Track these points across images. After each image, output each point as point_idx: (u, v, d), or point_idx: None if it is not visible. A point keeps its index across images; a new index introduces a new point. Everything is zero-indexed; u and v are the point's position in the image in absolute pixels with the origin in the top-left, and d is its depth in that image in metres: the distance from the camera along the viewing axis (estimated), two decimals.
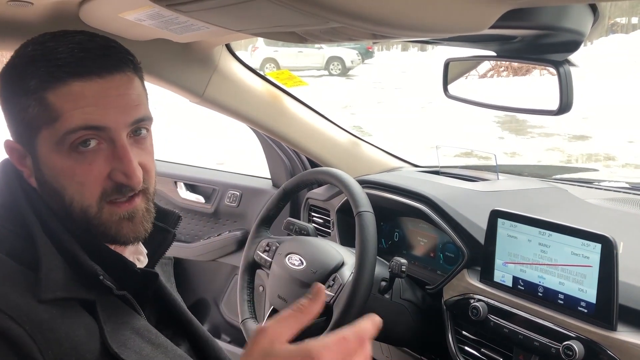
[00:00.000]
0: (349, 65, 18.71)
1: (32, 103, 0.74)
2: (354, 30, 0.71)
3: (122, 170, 0.76)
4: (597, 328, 1.02)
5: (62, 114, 0.73)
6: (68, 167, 0.75)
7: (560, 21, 0.81)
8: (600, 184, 1.68)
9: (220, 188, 2.16)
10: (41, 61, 0.74)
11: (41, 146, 0.76)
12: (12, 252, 0.74)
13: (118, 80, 0.77)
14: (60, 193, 0.77)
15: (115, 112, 0.76)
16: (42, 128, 0.75)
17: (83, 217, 0.78)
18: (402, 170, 1.87)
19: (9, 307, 0.67)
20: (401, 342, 1.47)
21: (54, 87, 0.73)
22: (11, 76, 0.77)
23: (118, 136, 0.76)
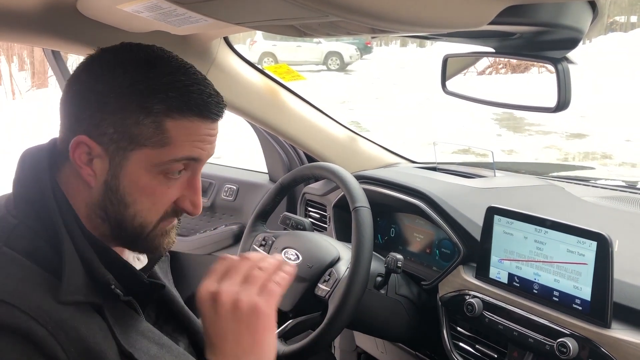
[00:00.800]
0: (347, 60, 18.69)
1: (147, 122, 0.77)
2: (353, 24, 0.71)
3: (192, 200, 0.84)
4: (592, 325, 1.02)
5: (173, 143, 0.78)
6: (150, 187, 0.80)
7: (559, 18, 0.81)
8: (597, 182, 1.69)
9: (217, 182, 2.16)
10: (173, 92, 0.77)
11: (133, 160, 0.78)
12: (30, 250, 0.74)
13: (218, 126, 0.85)
14: (127, 205, 0.80)
15: (209, 149, 0.83)
16: (147, 147, 0.78)
17: (138, 231, 0.82)
18: (399, 166, 1.87)
19: (30, 308, 0.68)
20: (396, 338, 1.48)
21: (175, 118, 0.78)
22: (130, 91, 0.77)
23: (199, 169, 0.85)
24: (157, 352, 0.81)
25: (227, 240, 2.09)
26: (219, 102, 0.83)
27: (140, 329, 0.81)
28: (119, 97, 0.77)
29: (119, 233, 0.82)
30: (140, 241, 0.84)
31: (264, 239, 1.44)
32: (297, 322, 1.27)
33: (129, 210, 0.80)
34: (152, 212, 0.82)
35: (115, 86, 0.77)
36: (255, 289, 0.81)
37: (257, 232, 1.48)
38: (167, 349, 0.83)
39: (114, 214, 0.81)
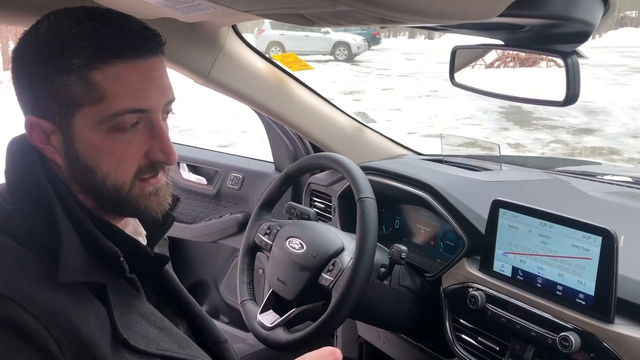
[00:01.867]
0: (355, 51, 18.61)
1: (74, 82, 0.74)
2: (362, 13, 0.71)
3: (162, 148, 0.79)
4: (595, 320, 1.02)
5: (109, 96, 0.74)
6: (107, 146, 0.76)
7: (570, 11, 0.80)
8: (603, 177, 1.68)
9: (223, 170, 2.16)
10: (86, 40, 0.74)
11: (79, 124, 0.76)
12: (29, 234, 0.74)
13: (157, 63, 0.79)
14: (93, 170, 0.77)
15: (156, 95, 0.78)
16: (84, 106, 0.75)
17: (115, 194, 0.79)
18: (405, 158, 1.87)
19: (24, 299, 0.67)
20: (398, 329, 1.48)
21: (100, 68, 0.74)
22: (47, 53, 0.75)
23: (156, 117, 0.79)
24: (156, 335, 0.80)
25: (231, 229, 2.10)
26: (147, 37, 0.78)
27: (142, 310, 0.81)
28: (39, 65, 0.75)
29: (101, 201, 0.80)
30: (122, 205, 0.80)
31: (269, 228, 1.45)
32: (300, 311, 1.27)
33: (97, 175, 0.78)
34: (121, 171, 0.78)
35: (35, 56, 0.75)
36: None
37: (262, 221, 1.48)
38: (167, 332, 0.83)
39: (86, 183, 0.79)
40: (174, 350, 0.82)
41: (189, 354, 0.84)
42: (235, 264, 2.00)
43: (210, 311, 2.28)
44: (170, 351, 0.81)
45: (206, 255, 2.30)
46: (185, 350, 0.84)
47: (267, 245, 1.43)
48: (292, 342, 1.23)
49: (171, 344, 0.82)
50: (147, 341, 0.78)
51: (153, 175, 0.82)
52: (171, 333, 0.84)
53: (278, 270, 1.35)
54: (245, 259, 1.46)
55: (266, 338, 1.27)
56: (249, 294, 1.41)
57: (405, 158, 1.87)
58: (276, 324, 1.27)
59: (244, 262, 1.46)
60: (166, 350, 0.80)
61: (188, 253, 2.34)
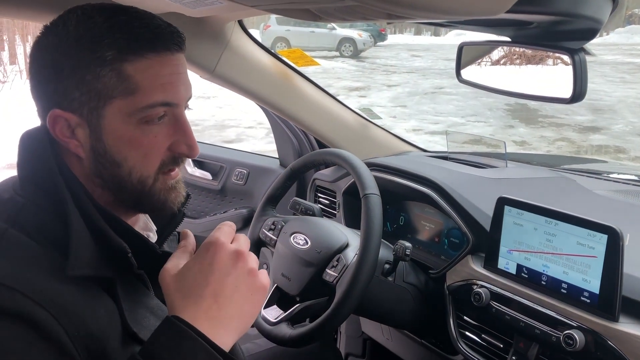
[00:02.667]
0: (360, 47, 18.58)
1: (107, 73, 0.75)
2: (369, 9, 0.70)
3: (186, 142, 0.81)
4: (599, 318, 1.02)
5: (141, 88, 0.76)
6: (135, 138, 0.78)
7: (578, 8, 0.80)
8: (609, 175, 1.67)
9: (228, 165, 2.16)
10: (119, 33, 0.75)
11: (108, 116, 0.77)
12: (39, 228, 0.74)
13: (181, 58, 0.81)
14: (119, 163, 0.78)
15: (183, 89, 0.81)
16: (116, 98, 0.76)
17: (139, 188, 0.80)
18: (411, 155, 1.87)
19: (34, 292, 0.67)
20: (402, 325, 1.48)
21: (133, 60, 0.75)
22: (78, 45, 0.75)
23: (182, 111, 0.82)
24: None
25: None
26: (173, 32, 0.80)
27: (150, 305, 0.81)
28: (70, 57, 0.75)
29: (122, 196, 0.81)
30: (144, 199, 0.81)
31: (274, 224, 1.45)
32: (304, 307, 1.27)
33: (122, 169, 0.79)
34: (147, 164, 0.80)
35: (64, 48, 0.75)
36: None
37: (266, 217, 1.49)
38: None
39: (110, 177, 0.79)
40: None
41: None
42: None
43: None
44: None
45: None
46: None
47: (271, 240, 1.43)
48: (295, 337, 1.23)
49: None
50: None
51: (173, 169, 0.84)
52: None
53: (282, 266, 1.35)
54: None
55: (270, 333, 1.28)
56: None
57: (410, 155, 1.86)
58: (280, 319, 1.28)
59: None
60: None
61: None
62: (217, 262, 0.73)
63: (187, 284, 0.72)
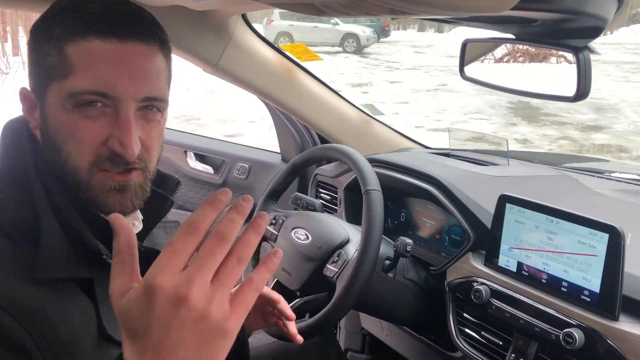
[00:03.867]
0: (364, 43, 18.53)
1: (52, 52, 0.73)
2: (373, 4, 0.70)
3: (120, 138, 0.74)
4: (599, 317, 1.02)
5: (75, 71, 0.72)
6: (70, 123, 0.73)
7: (583, 5, 0.79)
8: (611, 174, 1.67)
9: (230, 160, 2.16)
10: (69, 12, 0.73)
11: (50, 98, 0.74)
12: (14, 224, 0.72)
13: (138, 50, 0.74)
14: (58, 149, 0.75)
15: (127, 83, 0.73)
16: (54, 79, 0.73)
17: (74, 179, 0.75)
18: (413, 151, 1.86)
19: (1, 299, 0.64)
20: (402, 321, 1.48)
21: (75, 40, 0.72)
22: (40, 24, 0.75)
23: (124, 107, 0.74)
24: None
25: None
26: (136, 21, 0.74)
27: None
28: (34, 34, 0.75)
29: (64, 186, 0.75)
30: (80, 193, 0.75)
31: (275, 218, 1.45)
32: (304, 302, 1.28)
33: (61, 155, 0.74)
34: (80, 153, 0.74)
35: (34, 27, 0.76)
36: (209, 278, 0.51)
37: (268, 211, 1.49)
38: None
39: (53, 163, 0.75)
40: None
41: None
42: None
43: None
44: None
45: None
46: None
47: (272, 235, 1.43)
48: None
49: None
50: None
51: (118, 170, 0.76)
52: None
53: (283, 261, 1.35)
54: None
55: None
56: None
57: (412, 151, 1.86)
58: None
59: None
60: None
61: None
62: (154, 310, 0.50)
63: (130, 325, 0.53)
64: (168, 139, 2.22)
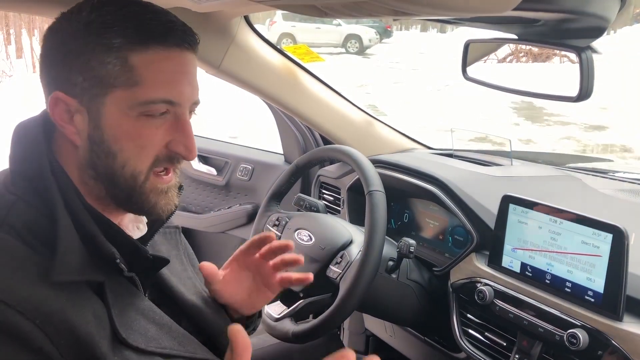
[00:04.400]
0: (366, 43, 18.54)
1: (112, 61, 0.74)
2: (375, 5, 0.70)
3: (184, 142, 0.79)
4: (603, 318, 1.02)
5: (144, 81, 0.75)
6: (133, 130, 0.76)
7: (585, 5, 0.79)
8: (615, 174, 1.66)
9: (233, 161, 2.16)
10: (129, 22, 0.74)
11: (109, 105, 0.75)
12: (28, 227, 0.73)
13: (191, 59, 0.80)
14: (115, 155, 0.77)
15: (188, 90, 0.79)
16: (118, 88, 0.75)
17: (130, 183, 0.78)
18: (416, 152, 1.86)
19: (18, 301, 0.66)
20: (406, 322, 1.48)
21: (139, 51, 0.74)
22: (87, 30, 0.74)
23: (184, 112, 0.80)
24: (156, 333, 0.79)
25: (240, 219, 2.10)
26: (185, 31, 0.78)
27: (141, 307, 0.80)
28: (77, 41, 0.74)
29: (113, 190, 0.79)
30: (135, 196, 0.79)
31: (278, 219, 1.45)
32: (307, 303, 1.28)
33: (117, 160, 0.77)
34: (141, 158, 0.77)
35: (73, 32, 0.75)
36: None
37: (270, 212, 1.49)
38: (167, 329, 0.82)
39: (104, 168, 0.77)
40: (174, 347, 0.80)
41: (189, 350, 0.83)
42: None
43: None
44: (169, 349, 0.79)
45: (215, 246, 2.31)
46: (185, 347, 0.82)
47: (275, 236, 1.43)
48: (298, 333, 1.23)
49: (171, 342, 0.81)
50: (147, 339, 0.77)
51: (166, 171, 0.82)
52: (171, 330, 0.82)
53: None
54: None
55: (273, 328, 1.28)
56: None
57: (415, 152, 1.86)
58: (283, 315, 1.28)
59: None
60: (165, 348, 0.79)
61: (197, 243, 2.35)
62: None
63: None
64: None
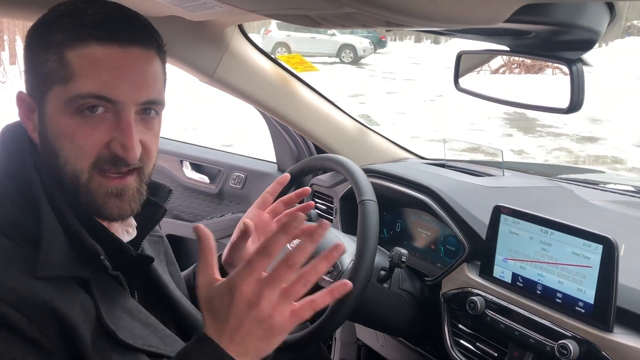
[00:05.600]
0: (360, 53, 18.63)
1: (51, 57, 0.74)
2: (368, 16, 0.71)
3: (122, 142, 0.76)
4: (594, 329, 1.02)
5: (77, 76, 0.73)
6: (70, 128, 0.75)
7: (576, 18, 0.80)
8: (606, 186, 1.67)
9: (226, 169, 2.16)
10: (68, 18, 0.74)
11: (50, 102, 0.76)
12: (12, 224, 0.73)
13: (138, 55, 0.77)
14: (57, 153, 0.76)
15: (129, 87, 0.76)
16: (55, 84, 0.75)
17: (74, 183, 0.77)
18: (408, 162, 1.87)
19: (5, 293, 0.66)
20: (397, 332, 1.48)
21: (75, 46, 0.74)
22: (38, 29, 0.77)
23: (126, 111, 0.76)
24: (142, 331, 0.79)
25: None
26: (135, 26, 0.76)
27: (127, 306, 0.80)
28: (30, 40, 0.77)
29: (62, 189, 0.77)
30: (80, 197, 0.77)
31: None
32: None
33: (59, 159, 0.76)
34: (80, 157, 0.76)
35: (29, 33, 0.78)
36: (277, 292, 0.70)
37: None
38: (153, 329, 0.82)
39: (52, 167, 0.77)
40: (159, 346, 0.80)
41: (174, 350, 0.81)
42: None
43: None
44: (155, 347, 0.80)
45: None
46: (171, 347, 0.82)
47: None
48: (289, 342, 1.22)
49: (157, 341, 0.81)
50: (133, 336, 0.77)
51: (118, 174, 0.78)
52: (157, 330, 0.82)
53: None
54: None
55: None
56: None
57: (408, 162, 1.87)
58: None
59: None
60: (152, 346, 0.79)
61: (189, 251, 2.34)
62: (233, 306, 0.69)
63: (213, 310, 0.71)
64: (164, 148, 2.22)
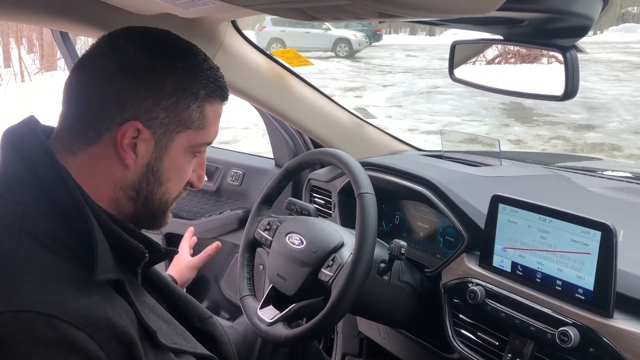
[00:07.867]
0: (356, 47, 18.60)
1: (194, 107, 0.85)
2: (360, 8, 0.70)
3: (199, 174, 0.93)
4: (594, 315, 1.02)
5: (207, 127, 0.88)
6: (185, 166, 0.88)
7: (568, 5, 0.80)
8: (604, 173, 1.68)
9: (223, 166, 2.16)
10: (212, 78, 0.87)
11: (177, 142, 0.85)
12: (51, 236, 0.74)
13: None
14: (161, 183, 0.86)
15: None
16: (190, 129, 0.85)
17: (162, 207, 0.89)
18: (405, 154, 1.87)
19: (69, 315, 0.68)
20: (398, 324, 1.48)
21: (212, 102, 0.87)
22: (182, 78, 0.83)
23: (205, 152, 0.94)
24: (166, 330, 0.82)
25: (232, 225, 2.10)
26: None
27: (150, 304, 0.84)
28: (171, 83, 0.82)
29: (142, 210, 0.87)
30: (158, 216, 0.90)
31: (269, 224, 1.45)
32: (299, 307, 1.27)
33: (161, 188, 0.86)
34: (177, 188, 0.89)
35: (165, 74, 0.81)
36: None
37: (262, 217, 1.48)
38: (173, 325, 0.85)
39: (147, 192, 0.85)
40: (182, 343, 0.84)
41: (192, 346, 0.87)
42: (236, 260, 2.00)
43: (211, 307, 2.28)
44: (179, 345, 0.83)
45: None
46: (188, 342, 0.86)
47: (267, 240, 1.43)
48: (291, 337, 1.23)
49: (178, 337, 0.84)
50: (163, 335, 0.80)
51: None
52: (176, 327, 0.86)
53: (278, 266, 1.35)
54: (245, 255, 1.46)
55: (266, 333, 1.28)
56: (249, 290, 1.41)
57: (405, 154, 1.87)
58: (276, 319, 1.28)
59: (244, 257, 1.46)
60: (177, 344, 0.83)
61: None
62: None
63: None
64: None
